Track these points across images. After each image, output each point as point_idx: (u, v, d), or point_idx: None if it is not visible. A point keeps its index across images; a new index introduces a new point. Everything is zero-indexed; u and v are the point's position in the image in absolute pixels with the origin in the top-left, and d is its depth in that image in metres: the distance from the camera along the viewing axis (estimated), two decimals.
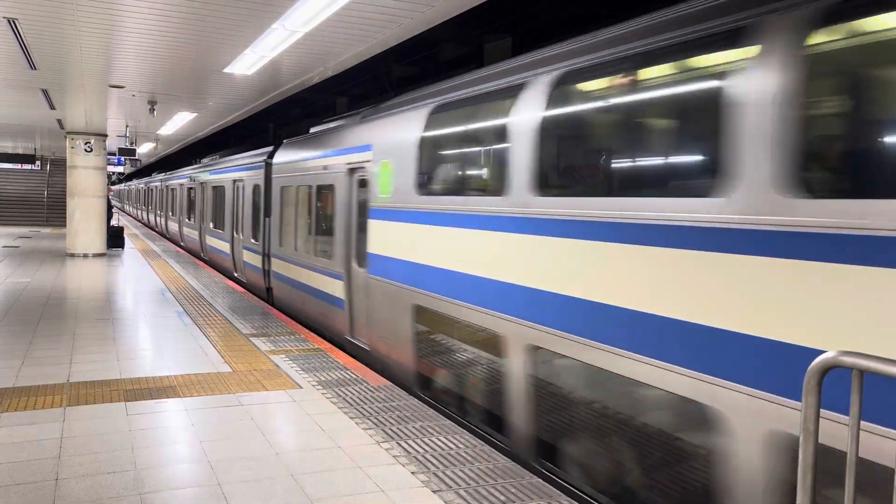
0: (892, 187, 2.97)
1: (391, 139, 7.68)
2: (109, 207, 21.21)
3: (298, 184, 11.15)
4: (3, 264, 16.14)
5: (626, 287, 4.29)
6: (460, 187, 6.56)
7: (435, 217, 6.61)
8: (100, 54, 9.19)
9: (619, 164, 4.88)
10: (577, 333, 4.70)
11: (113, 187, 71.86)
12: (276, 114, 19.81)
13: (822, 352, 2.49)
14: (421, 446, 5.07)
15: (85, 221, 18.50)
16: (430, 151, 7.01)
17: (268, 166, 13.45)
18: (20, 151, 30.65)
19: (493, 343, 5.74)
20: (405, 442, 5.15)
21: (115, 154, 24.26)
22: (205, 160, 22.90)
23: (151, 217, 36.09)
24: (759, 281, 3.45)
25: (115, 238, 20.55)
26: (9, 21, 7.54)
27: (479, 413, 6.18)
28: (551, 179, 5.25)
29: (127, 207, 60.29)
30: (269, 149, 14.05)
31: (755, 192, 3.48)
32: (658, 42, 4.28)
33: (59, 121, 17.13)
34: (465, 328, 6.21)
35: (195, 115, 15.35)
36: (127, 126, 17.79)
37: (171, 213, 27.59)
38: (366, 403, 6.07)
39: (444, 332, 6.66)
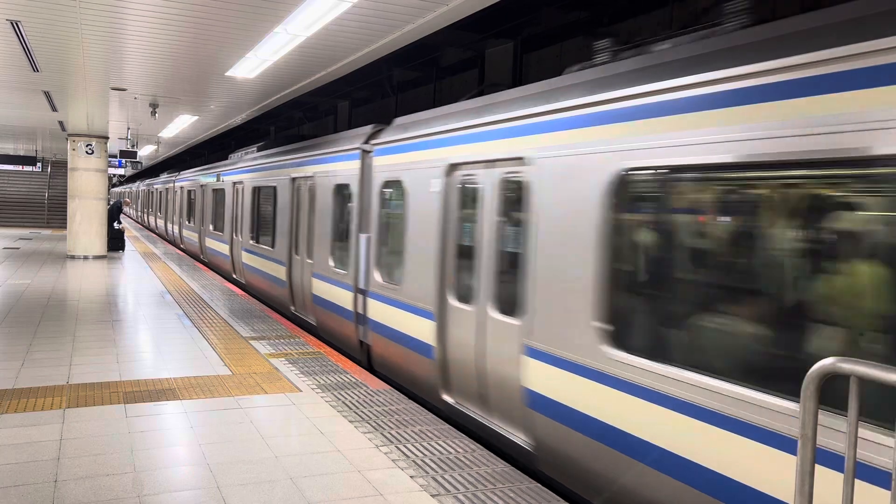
0: None
1: None
2: (119, 212, 20.98)
3: None
4: (3, 265, 16.15)
5: None
6: None
7: None
8: (102, 57, 9.21)
9: None
10: None
11: (123, 189, 60.47)
12: (278, 116, 19.85)
13: None
14: (420, 450, 5.08)
15: (86, 223, 18.51)
16: None
17: None
18: (21, 153, 30.71)
19: None
20: (404, 446, 5.15)
21: (116, 156, 24.32)
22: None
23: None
24: None
25: (115, 241, 20.53)
26: (12, 23, 7.57)
27: None
28: None
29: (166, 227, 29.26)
30: None
31: None
32: None
33: (61, 123, 17.17)
34: None
35: (197, 117, 15.39)
36: (128, 128, 17.84)
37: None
38: (365, 407, 6.07)
39: None
